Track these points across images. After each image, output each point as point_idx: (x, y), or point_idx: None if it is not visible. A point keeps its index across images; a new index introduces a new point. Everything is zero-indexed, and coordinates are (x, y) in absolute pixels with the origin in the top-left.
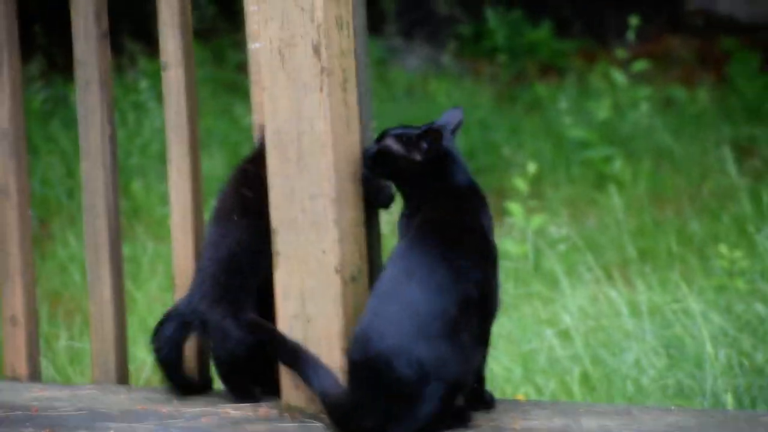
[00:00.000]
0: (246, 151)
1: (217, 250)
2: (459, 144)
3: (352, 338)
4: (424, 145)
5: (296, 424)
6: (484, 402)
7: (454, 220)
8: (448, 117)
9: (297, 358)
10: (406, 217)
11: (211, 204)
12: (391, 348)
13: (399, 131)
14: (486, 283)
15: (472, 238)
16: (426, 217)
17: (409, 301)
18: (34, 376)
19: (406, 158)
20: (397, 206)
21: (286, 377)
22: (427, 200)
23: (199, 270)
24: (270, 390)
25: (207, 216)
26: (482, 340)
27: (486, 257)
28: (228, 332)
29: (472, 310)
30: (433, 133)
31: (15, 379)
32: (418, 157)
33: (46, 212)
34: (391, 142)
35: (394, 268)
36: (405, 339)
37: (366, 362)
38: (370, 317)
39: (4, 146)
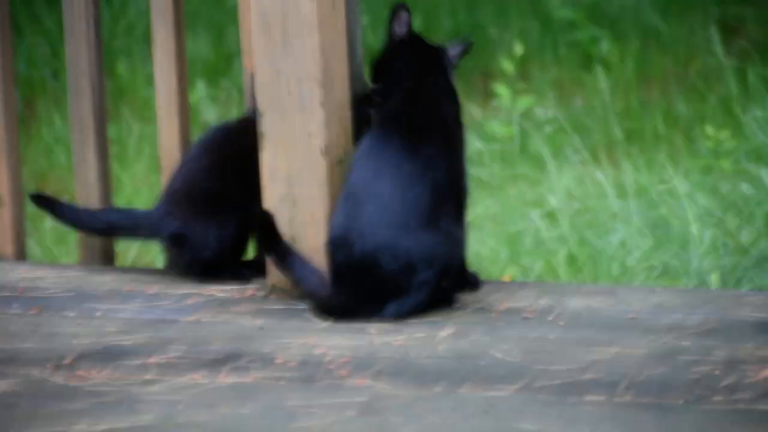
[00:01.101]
0: (232, 33)
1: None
2: (446, 24)
3: (329, 243)
4: (396, 27)
5: (282, 306)
6: (469, 283)
7: (416, 109)
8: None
9: (285, 256)
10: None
11: (196, 90)
12: (375, 247)
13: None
14: (454, 167)
15: (435, 126)
16: (388, 110)
17: (383, 198)
18: (20, 256)
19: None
20: None
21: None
22: (395, 91)
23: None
24: (256, 271)
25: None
26: (460, 222)
27: (450, 142)
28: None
29: (446, 195)
30: (399, 12)
31: (1, 259)
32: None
33: (31, 93)
34: None
35: (361, 168)
36: (386, 235)
37: (350, 264)
38: (346, 220)
39: None
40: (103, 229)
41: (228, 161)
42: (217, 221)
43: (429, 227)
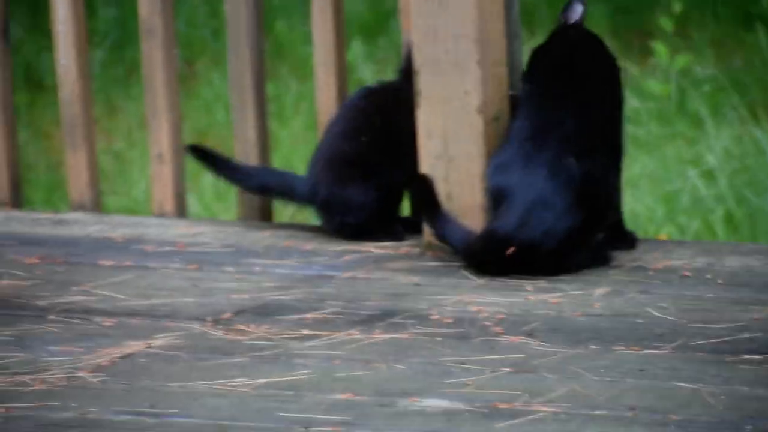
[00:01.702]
0: None
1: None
2: None
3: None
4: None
5: (437, 263)
6: (626, 242)
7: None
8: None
9: (438, 220)
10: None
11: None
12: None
13: None
14: (611, 122)
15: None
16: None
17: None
18: (181, 212)
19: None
20: None
21: None
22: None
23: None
24: (412, 229)
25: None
26: (616, 175)
27: (607, 99)
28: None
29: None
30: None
31: (162, 215)
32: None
33: (191, 52)
34: None
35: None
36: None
37: (517, 247)
38: (515, 211)
39: None
40: (257, 190)
41: (370, 124)
42: (359, 185)
43: (583, 194)
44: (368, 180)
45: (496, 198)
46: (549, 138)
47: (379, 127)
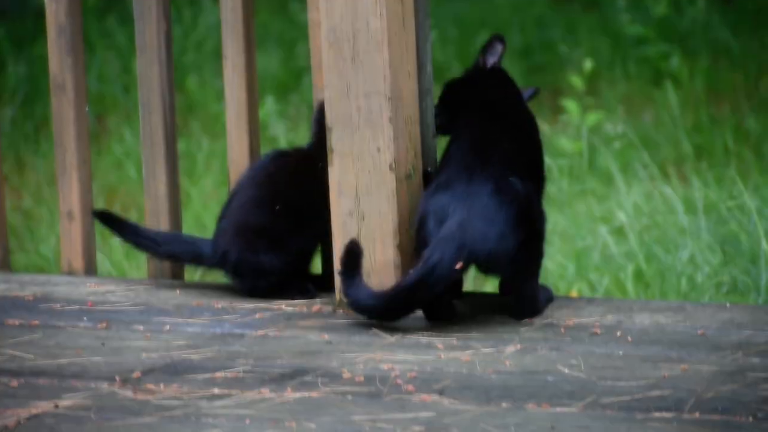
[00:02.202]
0: (302, 49)
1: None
2: (515, 42)
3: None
4: (488, 58)
5: (349, 321)
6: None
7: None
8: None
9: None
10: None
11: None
12: (491, 249)
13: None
14: (538, 152)
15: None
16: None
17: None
18: (90, 270)
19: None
20: None
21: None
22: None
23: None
24: (322, 286)
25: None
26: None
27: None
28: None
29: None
30: (494, 42)
31: (71, 273)
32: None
33: (103, 108)
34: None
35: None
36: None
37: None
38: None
39: (61, 42)
40: (165, 257)
41: (280, 191)
42: (272, 252)
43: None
44: (280, 246)
45: (436, 217)
46: (491, 158)
47: (291, 193)
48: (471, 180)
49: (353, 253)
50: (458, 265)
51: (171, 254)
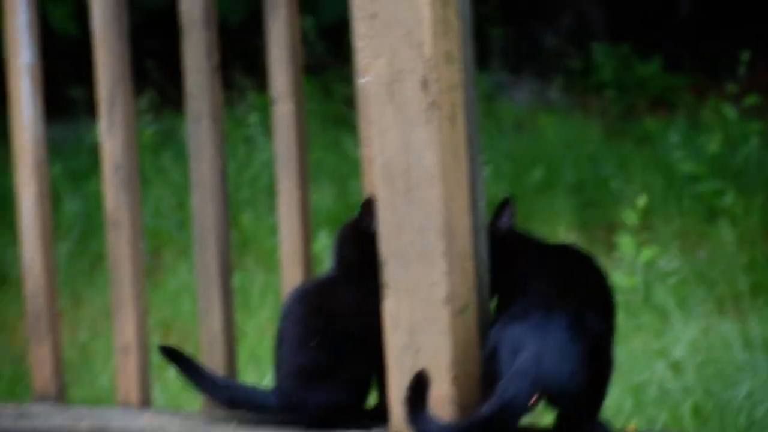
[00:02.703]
0: (355, 184)
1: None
2: (569, 178)
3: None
4: (503, 221)
5: None
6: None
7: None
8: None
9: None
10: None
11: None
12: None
13: None
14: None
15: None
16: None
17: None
18: (145, 402)
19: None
20: None
21: (396, 404)
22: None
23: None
24: (378, 419)
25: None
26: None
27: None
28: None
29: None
30: (506, 206)
31: (127, 405)
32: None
33: (158, 244)
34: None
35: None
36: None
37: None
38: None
39: (117, 179)
40: (224, 402)
41: (314, 328)
42: (323, 389)
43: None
44: (330, 383)
45: (510, 348)
46: (568, 294)
47: (324, 327)
48: (548, 313)
49: (420, 384)
50: (533, 400)
51: (231, 401)
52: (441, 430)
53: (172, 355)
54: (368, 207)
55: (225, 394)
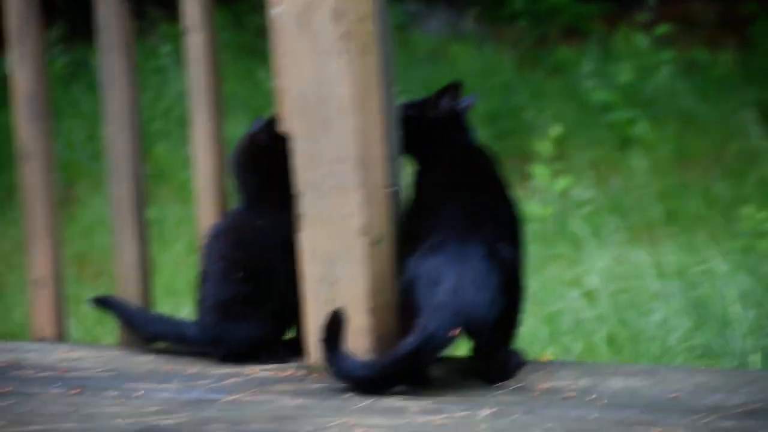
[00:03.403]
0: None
1: None
2: (482, 108)
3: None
4: (443, 101)
5: (321, 385)
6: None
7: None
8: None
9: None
10: (420, 174)
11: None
12: (483, 315)
13: (414, 100)
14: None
15: (500, 206)
16: (447, 180)
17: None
18: (62, 337)
19: (424, 119)
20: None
21: (312, 336)
22: (443, 159)
23: None
24: (294, 351)
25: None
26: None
27: (515, 224)
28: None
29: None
30: (450, 90)
31: (43, 340)
32: (437, 113)
33: (71, 176)
34: (407, 110)
35: (437, 258)
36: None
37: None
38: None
39: (29, 110)
40: (146, 335)
41: (235, 262)
42: (245, 322)
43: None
44: (252, 316)
45: (428, 281)
46: (482, 224)
47: (244, 260)
48: (464, 245)
49: (337, 321)
50: (454, 333)
51: (156, 335)
52: (362, 368)
53: (104, 303)
54: (267, 123)
55: (147, 327)
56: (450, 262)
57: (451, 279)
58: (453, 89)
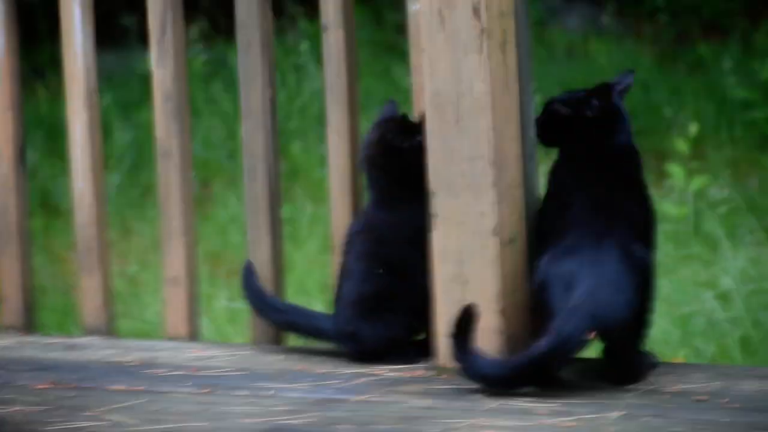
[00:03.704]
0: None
1: None
2: None
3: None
4: (595, 102)
5: (449, 386)
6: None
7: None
8: (619, 78)
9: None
10: (559, 167)
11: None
12: (620, 318)
13: (564, 96)
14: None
15: (636, 206)
16: (582, 178)
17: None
18: (194, 335)
19: (575, 117)
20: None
21: (442, 337)
22: (582, 157)
23: None
24: (424, 351)
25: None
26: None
27: (649, 225)
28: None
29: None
30: (603, 90)
31: (175, 338)
32: (588, 113)
33: (208, 174)
34: (558, 106)
35: (573, 263)
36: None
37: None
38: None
39: (167, 109)
40: (281, 325)
41: (377, 257)
42: (383, 321)
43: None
44: (388, 314)
45: (562, 283)
46: (617, 223)
47: (386, 260)
48: (599, 246)
49: (468, 317)
50: (590, 335)
51: (291, 325)
52: (494, 367)
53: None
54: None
55: (281, 315)
56: (585, 264)
57: (587, 281)
58: (606, 89)
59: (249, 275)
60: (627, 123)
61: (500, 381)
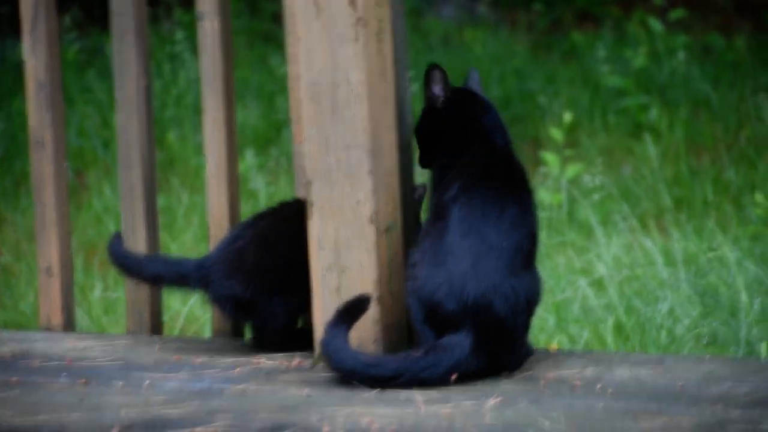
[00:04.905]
0: (281, 101)
1: None
2: (495, 93)
3: (436, 289)
4: (435, 90)
5: (328, 375)
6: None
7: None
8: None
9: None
10: (441, 168)
11: (245, 159)
12: (490, 289)
13: None
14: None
15: (519, 175)
16: (469, 162)
17: (491, 241)
18: (69, 326)
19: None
20: None
21: (319, 329)
22: (461, 150)
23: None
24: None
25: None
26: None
27: (530, 191)
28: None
29: (535, 240)
30: (430, 77)
31: (50, 329)
32: (437, 104)
33: (82, 163)
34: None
35: (462, 211)
36: (498, 278)
37: (464, 309)
38: (458, 265)
39: (40, 98)
40: (150, 280)
41: (285, 236)
42: (288, 292)
43: (529, 270)
44: (297, 287)
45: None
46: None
47: (292, 240)
48: (481, 254)
49: (355, 309)
50: (468, 342)
51: (157, 277)
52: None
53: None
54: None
55: (149, 273)
56: (473, 272)
57: (473, 288)
58: (430, 75)
59: (116, 242)
60: (485, 104)
61: (360, 377)
